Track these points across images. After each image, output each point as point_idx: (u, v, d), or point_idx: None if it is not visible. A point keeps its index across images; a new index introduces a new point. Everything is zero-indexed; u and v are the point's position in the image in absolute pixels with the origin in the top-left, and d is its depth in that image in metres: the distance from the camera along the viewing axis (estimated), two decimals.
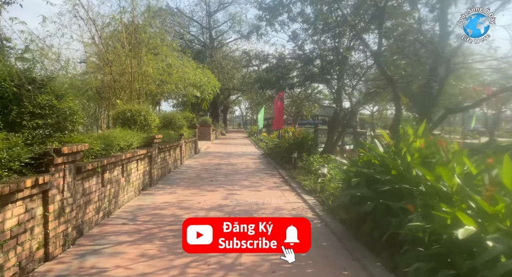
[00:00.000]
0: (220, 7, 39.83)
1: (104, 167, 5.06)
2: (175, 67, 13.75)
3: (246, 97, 51.88)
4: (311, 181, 8.02)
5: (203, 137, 26.63)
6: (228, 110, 62.42)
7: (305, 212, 6.11)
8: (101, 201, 5.08)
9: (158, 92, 14.17)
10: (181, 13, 39.28)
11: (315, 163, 9.23)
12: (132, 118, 7.68)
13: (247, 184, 8.82)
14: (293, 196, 7.52)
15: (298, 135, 13.10)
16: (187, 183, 8.75)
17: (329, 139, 11.93)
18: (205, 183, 8.88)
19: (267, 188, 8.37)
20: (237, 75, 38.66)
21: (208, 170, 11.32)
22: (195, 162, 13.56)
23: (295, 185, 8.50)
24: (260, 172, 11.11)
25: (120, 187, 5.97)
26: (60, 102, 3.56)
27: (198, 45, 41.49)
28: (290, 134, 14.10)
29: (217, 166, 12.42)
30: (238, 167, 12.22)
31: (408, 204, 3.49)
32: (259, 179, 9.72)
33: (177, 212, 5.83)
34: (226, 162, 13.64)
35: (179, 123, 12.42)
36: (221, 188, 8.15)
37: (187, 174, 10.40)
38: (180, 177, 9.69)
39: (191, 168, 11.80)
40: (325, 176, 7.10)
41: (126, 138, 6.29)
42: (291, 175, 9.67)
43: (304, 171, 9.58)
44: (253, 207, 6.33)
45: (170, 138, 10.73)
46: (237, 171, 11.19)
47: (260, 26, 11.33)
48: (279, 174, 10.72)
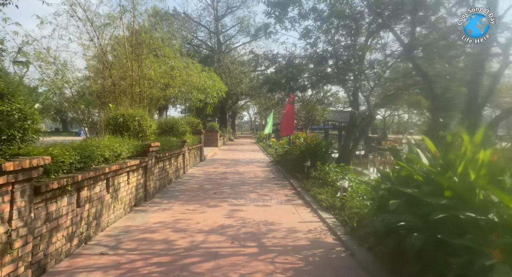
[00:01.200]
0: (228, 11, 39.29)
1: (79, 183, 4.14)
2: (178, 69, 12.92)
3: (255, 102, 51.06)
4: (328, 195, 6.99)
5: (210, 143, 25.78)
6: (236, 115, 61.74)
7: (324, 235, 5.09)
8: (75, 226, 4.16)
9: (161, 97, 13.35)
10: (188, 18, 38.84)
11: (331, 174, 8.19)
12: (125, 124, 6.81)
13: (255, 197, 7.83)
14: (308, 213, 6.49)
15: (310, 141, 12.07)
16: (188, 196, 7.80)
17: (345, 145, 10.87)
18: (207, 196, 7.92)
19: (277, 203, 7.36)
20: (245, 80, 37.92)
21: (213, 180, 10.37)
22: (199, 170, 12.63)
23: (309, 198, 7.48)
24: (269, 182, 10.11)
25: (104, 206, 5.05)
26: (3, 103, 2.66)
27: (205, 50, 40.96)
28: (301, 140, 13.07)
29: (222, 175, 11.46)
30: (245, 177, 11.24)
31: (481, 243, 2.47)
32: (269, 191, 8.72)
33: (171, 236, 4.87)
34: (233, 171, 12.68)
35: (182, 129, 11.54)
36: (225, 203, 7.17)
37: (189, 185, 9.46)
38: (181, 189, 8.75)
39: (194, 177, 10.86)
40: (346, 191, 6.06)
41: (113, 147, 5.39)
42: (304, 186, 8.65)
43: (319, 182, 8.55)
44: (261, 229, 5.33)
45: (171, 146, 9.83)
46: (244, 181, 10.21)
47: (268, 24, 10.42)
48: (291, 184, 9.70)
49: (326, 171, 8.54)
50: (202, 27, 40.07)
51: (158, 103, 13.70)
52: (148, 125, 7.16)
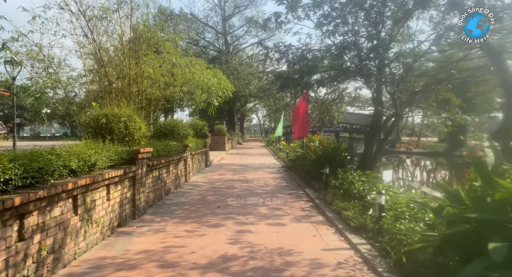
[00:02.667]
0: (236, 11, 38.30)
1: (18, 208, 2.94)
2: (180, 67, 11.78)
3: (264, 104, 49.84)
4: (355, 212, 5.66)
5: (218, 147, 24.62)
6: (245, 118, 60.60)
7: (360, 272, 3.78)
8: (14, 269, 2.95)
9: (161, 97, 12.22)
10: (195, 18, 37.96)
11: (357, 184, 6.85)
12: (108, 126, 5.62)
13: (266, 213, 6.55)
14: (333, 235, 5.18)
15: (327, 145, 10.75)
16: (186, 212, 6.57)
17: (368, 149, 9.52)
18: (210, 210, 6.67)
19: (293, 220, 6.07)
20: (254, 81, 36.78)
21: (217, 190, 9.12)
22: (203, 178, 11.41)
23: (331, 215, 6.17)
24: (281, 192, 8.82)
25: (70, 233, 3.85)
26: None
27: (213, 50, 39.99)
28: (316, 144, 11.76)
29: (228, 183, 10.21)
30: (254, 185, 9.97)
31: None
32: (282, 204, 7.43)
33: (154, 275, 3.63)
34: (240, 178, 11.42)
35: (183, 132, 10.35)
36: (230, 220, 5.91)
37: (189, 196, 8.23)
38: (179, 202, 7.52)
39: (197, 186, 9.64)
40: (383, 210, 4.72)
41: (83, 156, 4.19)
42: (324, 198, 7.34)
43: (340, 192, 7.24)
44: (275, 262, 4.04)
45: (169, 151, 8.64)
46: (253, 191, 8.94)
47: (279, 14, 9.16)
48: (306, 195, 8.40)
49: (350, 180, 7.21)
50: (209, 28, 39.16)
51: (158, 104, 12.57)
52: (136, 127, 5.96)
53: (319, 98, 21.20)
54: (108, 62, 11.39)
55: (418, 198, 5.30)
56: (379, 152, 9.56)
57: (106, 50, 11.51)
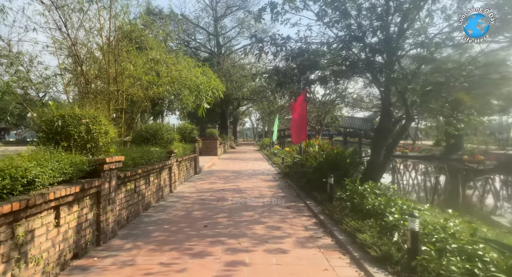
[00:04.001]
0: (228, 11, 37.26)
1: None
2: (164, 64, 10.64)
3: (257, 107, 48.80)
4: (374, 234, 4.57)
5: (209, 152, 23.46)
6: (238, 121, 59.41)
7: None
8: None
9: (144, 97, 11.04)
10: (186, 19, 36.82)
11: (370, 198, 5.76)
12: (65, 130, 4.47)
13: (263, 234, 5.42)
14: (349, 268, 4.07)
15: (329, 150, 9.69)
16: (166, 234, 5.41)
17: (375, 156, 8.48)
18: (194, 231, 5.52)
19: (296, 244, 4.95)
20: (247, 83, 35.74)
21: (205, 203, 7.96)
22: (191, 187, 10.22)
23: (342, 236, 5.08)
24: (279, 205, 7.70)
25: None
26: None
27: (204, 52, 38.87)
28: (315, 148, 10.70)
29: (219, 194, 9.06)
30: (248, 196, 8.83)
31: None
32: (280, 220, 6.31)
33: None
34: (233, 187, 10.27)
35: (167, 136, 9.19)
36: (218, 246, 4.77)
37: (172, 211, 7.06)
38: (159, 220, 6.35)
39: (183, 198, 8.46)
40: (417, 239, 3.61)
41: (17, 170, 3.04)
42: (330, 214, 6.24)
43: (349, 206, 6.16)
44: None
45: (150, 158, 7.49)
46: (247, 204, 7.80)
47: (275, 4, 8.09)
48: (308, 208, 7.31)
49: (360, 193, 6.12)
50: (200, 29, 38.03)
51: (142, 106, 11.39)
52: (101, 131, 4.79)
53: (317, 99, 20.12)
54: (85, 59, 10.22)
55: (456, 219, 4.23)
56: (388, 158, 8.52)
57: (82, 45, 10.34)
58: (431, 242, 3.58)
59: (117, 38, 9.85)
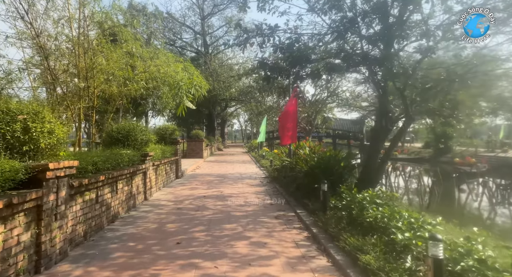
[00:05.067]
0: (215, 10, 36.33)
1: None
2: (141, 58, 9.69)
3: (245, 109, 47.90)
4: (379, 255, 3.75)
5: (194, 154, 22.47)
6: (226, 123, 58.36)
7: None
8: None
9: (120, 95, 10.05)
10: (171, 17, 35.73)
11: (370, 209, 4.96)
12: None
13: (246, 253, 4.55)
14: None
15: (321, 152, 8.90)
16: (128, 254, 4.48)
17: (371, 160, 7.74)
18: (164, 251, 4.61)
19: (286, 266, 4.09)
20: (235, 84, 34.87)
21: (183, 212, 7.04)
22: (169, 194, 9.27)
23: (340, 256, 4.25)
24: (266, 215, 6.85)
25: None
26: None
27: (191, 52, 37.81)
28: (306, 151, 9.89)
29: (199, 202, 8.14)
30: (232, 204, 7.95)
31: None
32: (267, 234, 5.45)
33: None
34: (216, 193, 9.37)
35: (141, 137, 8.23)
36: (189, 273, 3.88)
37: (142, 224, 6.11)
38: (124, 235, 5.40)
39: (158, 207, 7.52)
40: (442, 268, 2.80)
41: None
42: (324, 226, 5.42)
43: (345, 217, 5.36)
44: None
45: (118, 162, 6.55)
46: (230, 214, 6.92)
47: None
48: (299, 218, 6.49)
49: (359, 202, 5.32)
50: (186, 28, 36.99)
51: (116, 104, 10.39)
52: (44, 130, 3.85)
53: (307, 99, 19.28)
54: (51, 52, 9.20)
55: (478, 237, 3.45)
56: (386, 162, 7.78)
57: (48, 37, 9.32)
58: (457, 273, 2.78)
59: (86, 28, 8.87)
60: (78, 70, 9.13)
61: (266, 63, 6.64)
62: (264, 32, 6.81)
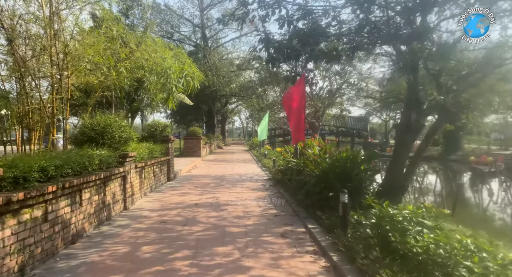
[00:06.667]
0: (214, 1, 34.80)
1: None
2: (123, 43, 8.32)
3: (246, 105, 46.38)
4: None
5: (192, 153, 21.13)
6: (226, 120, 56.88)
7: None
8: None
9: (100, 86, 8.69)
10: (169, 9, 34.26)
11: (415, 233, 3.58)
12: None
13: None
14: None
15: (334, 153, 7.52)
16: None
17: (398, 162, 6.37)
18: None
19: None
20: (236, 79, 33.45)
21: (166, 228, 5.67)
22: (155, 201, 7.91)
23: None
24: (270, 232, 5.48)
25: None
26: None
27: (189, 45, 36.34)
28: (315, 150, 8.52)
29: (188, 213, 6.78)
30: (228, 215, 6.59)
31: None
32: (272, 262, 4.09)
33: None
34: (210, 200, 8.01)
35: (120, 134, 6.86)
36: None
37: (110, 246, 4.75)
38: (81, 265, 4.04)
39: (137, 221, 6.16)
40: None
41: None
42: (347, 251, 4.07)
43: (378, 241, 4.00)
44: None
45: (85, 166, 5.20)
46: (224, 230, 5.55)
47: None
48: (311, 237, 5.13)
49: (397, 222, 3.93)
50: (185, 20, 35.51)
51: (96, 96, 9.02)
52: None
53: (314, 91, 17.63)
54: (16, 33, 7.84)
55: None
56: (416, 165, 6.40)
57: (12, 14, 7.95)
58: None
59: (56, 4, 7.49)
60: (50, 56, 7.79)
61: (269, 41, 5.25)
62: (268, 3, 5.40)
